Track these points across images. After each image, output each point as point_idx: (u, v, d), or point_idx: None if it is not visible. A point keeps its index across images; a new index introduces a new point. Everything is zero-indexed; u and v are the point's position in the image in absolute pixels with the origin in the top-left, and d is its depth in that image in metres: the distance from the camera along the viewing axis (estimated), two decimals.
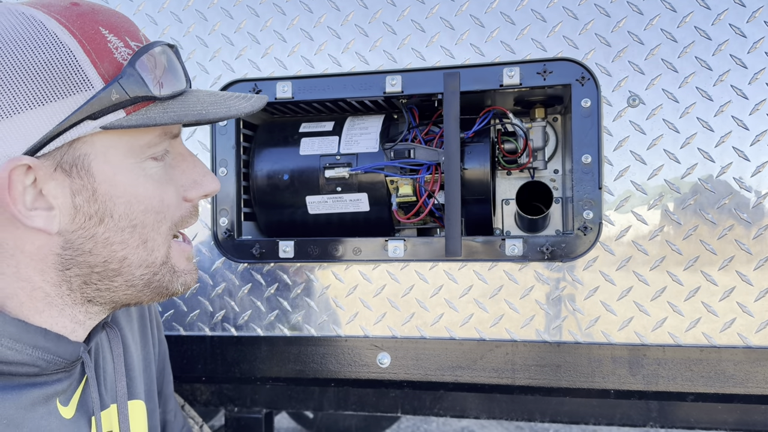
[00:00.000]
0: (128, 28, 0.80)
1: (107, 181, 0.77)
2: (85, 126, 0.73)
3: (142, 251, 0.82)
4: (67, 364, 0.83)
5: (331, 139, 1.32)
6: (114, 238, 0.79)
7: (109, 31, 0.77)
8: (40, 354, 0.79)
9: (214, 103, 0.82)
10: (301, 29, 1.30)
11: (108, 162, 0.77)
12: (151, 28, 1.35)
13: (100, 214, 0.78)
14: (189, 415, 1.68)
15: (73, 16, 0.76)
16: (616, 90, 1.17)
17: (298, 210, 1.33)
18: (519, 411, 1.77)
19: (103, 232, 0.78)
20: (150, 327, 1.11)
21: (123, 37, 0.78)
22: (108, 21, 0.78)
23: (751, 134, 1.13)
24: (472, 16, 1.22)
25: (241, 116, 0.83)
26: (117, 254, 0.80)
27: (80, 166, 0.75)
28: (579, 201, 1.19)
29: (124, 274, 0.82)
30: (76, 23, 0.75)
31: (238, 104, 0.84)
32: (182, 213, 0.86)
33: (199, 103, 0.81)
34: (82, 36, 0.74)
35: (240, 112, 0.83)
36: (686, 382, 1.18)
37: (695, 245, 1.15)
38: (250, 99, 0.86)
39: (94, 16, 0.77)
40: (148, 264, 0.83)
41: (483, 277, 1.23)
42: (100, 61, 0.74)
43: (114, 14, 0.80)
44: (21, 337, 0.77)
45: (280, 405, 1.79)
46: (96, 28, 0.76)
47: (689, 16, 1.14)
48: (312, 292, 1.31)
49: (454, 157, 1.21)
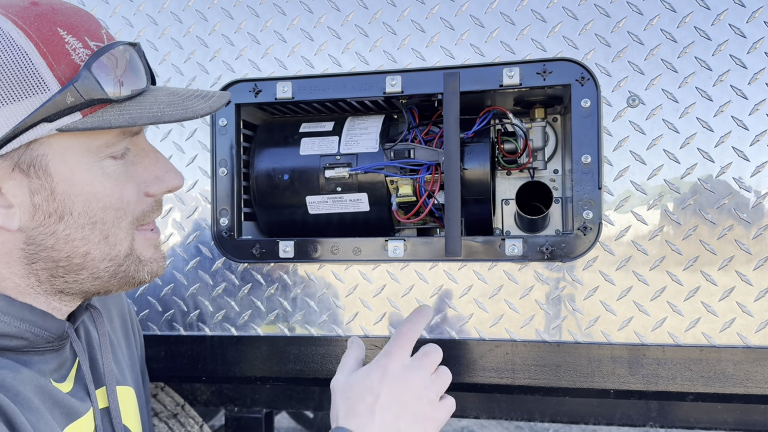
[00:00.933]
0: (89, 27, 0.80)
1: (65, 180, 0.78)
2: (41, 128, 0.74)
3: (104, 246, 0.83)
4: (53, 339, 0.85)
5: (331, 139, 1.32)
6: (75, 234, 0.81)
7: (67, 31, 0.77)
8: (27, 327, 0.82)
9: (172, 104, 0.82)
10: (301, 29, 1.30)
11: (65, 162, 0.78)
12: (151, 29, 1.35)
13: (60, 212, 0.79)
14: (189, 415, 1.68)
15: (30, 17, 0.76)
16: (616, 90, 1.17)
17: (298, 210, 1.33)
18: (519, 411, 1.78)
19: (63, 230, 0.80)
20: (132, 329, 1.14)
21: (82, 37, 0.78)
22: (67, 21, 0.78)
23: (750, 134, 1.13)
24: (472, 16, 1.23)
25: (197, 118, 0.82)
26: (79, 250, 0.82)
27: (38, 167, 0.77)
28: (579, 201, 1.19)
29: (89, 267, 0.83)
30: (33, 24, 0.75)
31: (197, 105, 0.83)
32: (144, 208, 0.87)
33: (156, 104, 0.81)
34: (38, 38, 0.74)
35: (196, 113, 0.82)
36: (686, 381, 1.18)
37: (695, 245, 1.15)
38: (210, 99, 0.85)
39: (53, 17, 0.77)
40: (111, 257, 0.84)
41: (483, 277, 1.23)
42: (57, 63, 0.75)
43: (75, 13, 0.80)
44: (8, 311, 0.80)
45: (280, 405, 1.80)
46: (54, 29, 0.76)
47: (689, 17, 1.15)
48: (312, 292, 1.31)
49: (454, 157, 1.21)
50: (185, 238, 1.35)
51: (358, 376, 0.96)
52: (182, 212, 1.36)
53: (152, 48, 1.36)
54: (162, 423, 1.62)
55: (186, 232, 1.35)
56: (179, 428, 1.64)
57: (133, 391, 1.03)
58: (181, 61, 1.34)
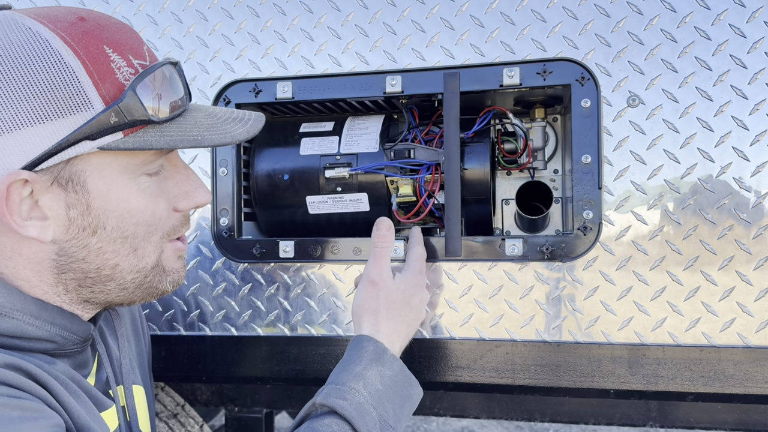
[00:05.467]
0: (132, 44, 0.81)
1: (101, 196, 0.80)
2: (84, 146, 0.76)
3: (132, 258, 0.85)
4: (79, 341, 0.87)
5: (331, 139, 1.32)
6: (106, 248, 0.82)
7: (113, 49, 0.78)
8: (58, 330, 0.83)
9: (211, 127, 0.84)
10: (302, 29, 1.30)
11: (103, 179, 0.79)
12: (151, 29, 1.35)
13: (93, 227, 0.81)
14: (189, 415, 1.68)
15: (78, 34, 0.77)
16: (616, 90, 1.17)
17: (299, 210, 1.33)
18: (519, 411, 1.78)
19: (95, 243, 0.82)
20: (141, 327, 1.15)
21: (126, 55, 0.79)
22: (112, 38, 0.79)
23: (750, 134, 1.13)
24: (472, 16, 1.23)
25: (235, 143, 0.86)
26: (109, 262, 0.83)
27: (76, 182, 0.78)
28: (579, 201, 1.19)
29: (116, 279, 0.85)
30: (81, 42, 0.76)
31: (234, 129, 0.86)
32: (173, 223, 0.89)
33: (196, 126, 0.83)
34: (85, 56, 0.75)
35: (235, 139, 0.85)
36: (686, 381, 1.18)
37: (695, 245, 1.15)
38: (247, 123, 0.88)
39: (99, 34, 0.78)
40: (138, 269, 0.86)
41: (483, 277, 1.23)
42: (102, 82, 0.76)
43: (120, 30, 0.81)
44: (40, 315, 0.82)
45: (280, 405, 1.80)
46: (100, 47, 0.77)
47: (689, 17, 1.15)
48: (312, 292, 1.31)
49: (454, 157, 1.21)
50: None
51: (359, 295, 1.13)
52: None
53: (152, 48, 1.36)
54: (162, 423, 1.62)
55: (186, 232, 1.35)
56: (179, 428, 1.64)
57: (143, 389, 1.05)
58: (181, 61, 1.34)
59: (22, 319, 0.80)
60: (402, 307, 1.12)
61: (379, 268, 1.13)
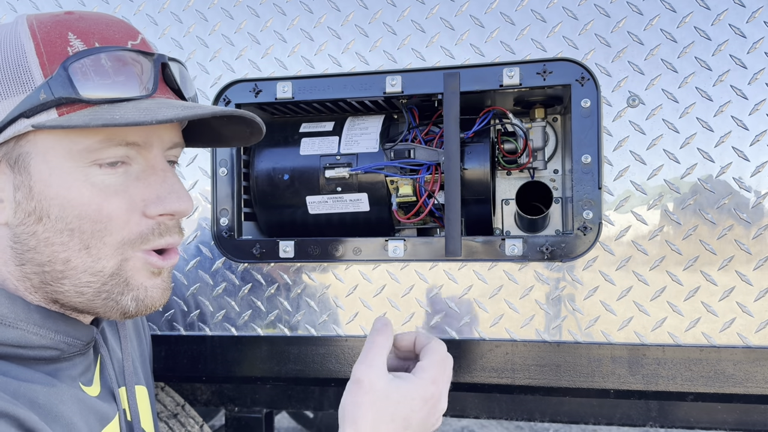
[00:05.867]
0: (110, 35, 0.79)
1: (42, 181, 0.77)
2: (20, 124, 0.75)
3: (85, 257, 0.79)
4: (83, 346, 0.86)
5: (331, 139, 1.32)
6: (54, 239, 0.78)
7: (78, 35, 0.77)
8: (62, 338, 0.82)
9: (146, 110, 0.76)
10: (301, 29, 1.30)
11: (46, 162, 0.77)
12: (151, 29, 1.35)
13: (38, 213, 0.78)
14: (189, 415, 1.68)
15: (50, 22, 0.78)
16: (616, 90, 1.17)
17: (299, 210, 1.33)
18: (519, 411, 1.78)
19: (42, 231, 0.78)
20: (142, 328, 1.15)
21: (93, 42, 0.77)
22: (86, 28, 0.78)
23: (750, 134, 1.13)
24: (472, 16, 1.23)
25: (155, 123, 0.74)
26: (59, 255, 0.79)
27: (21, 163, 0.77)
28: (579, 201, 1.19)
29: (71, 277, 0.80)
30: (45, 28, 0.77)
31: (166, 112, 0.76)
32: (141, 230, 0.80)
33: (133, 110, 0.75)
34: (42, 39, 0.76)
35: (155, 118, 0.74)
36: (686, 381, 1.18)
37: (695, 245, 1.15)
38: (189, 109, 0.78)
39: (74, 23, 0.78)
40: (93, 272, 0.80)
41: (483, 277, 1.23)
42: (50, 63, 0.75)
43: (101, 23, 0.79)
44: (44, 323, 0.81)
45: (280, 405, 1.80)
46: (64, 33, 0.77)
47: (689, 17, 1.15)
48: (312, 292, 1.31)
49: (454, 157, 1.21)
50: (185, 238, 1.35)
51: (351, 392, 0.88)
52: None
53: (152, 48, 1.36)
54: (162, 423, 1.62)
55: (186, 232, 1.35)
56: (179, 428, 1.64)
57: (146, 390, 1.05)
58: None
59: (26, 329, 0.79)
60: (394, 423, 0.86)
61: (367, 363, 0.89)
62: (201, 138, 0.95)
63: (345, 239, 1.28)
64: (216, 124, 0.91)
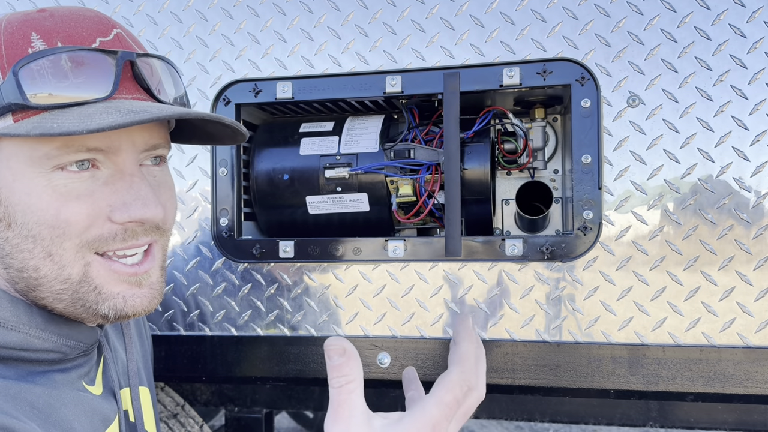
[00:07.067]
0: (76, 32, 0.76)
1: (7, 186, 0.76)
2: None
3: (51, 264, 0.77)
4: (86, 348, 0.86)
5: (331, 139, 1.32)
6: (22, 245, 0.77)
7: (40, 36, 0.75)
8: (65, 341, 0.82)
9: (89, 116, 0.72)
10: (301, 29, 1.30)
11: (10, 168, 0.76)
12: (151, 29, 1.35)
13: (7, 219, 0.77)
14: (189, 415, 1.68)
15: (18, 21, 0.76)
16: (616, 90, 1.17)
17: (298, 210, 1.33)
18: (519, 411, 1.78)
19: (12, 237, 0.77)
20: (143, 328, 1.15)
21: (55, 42, 0.75)
22: (52, 26, 0.76)
23: (750, 134, 1.13)
24: (472, 16, 1.22)
25: (92, 131, 0.70)
26: (29, 263, 0.78)
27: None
28: (579, 201, 1.19)
29: (45, 285, 0.79)
30: (11, 28, 0.75)
31: (108, 118, 0.72)
32: (101, 233, 0.78)
33: (78, 117, 0.72)
34: (6, 40, 0.74)
35: (91, 127, 0.70)
36: (686, 381, 1.18)
37: (695, 245, 1.15)
38: (137, 113, 0.73)
39: (39, 22, 0.76)
40: (62, 279, 0.78)
41: (483, 277, 1.23)
42: (9, 66, 0.73)
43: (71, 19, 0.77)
44: (47, 327, 0.80)
45: (280, 405, 1.80)
46: (28, 33, 0.75)
47: (689, 17, 1.14)
48: (312, 292, 1.31)
49: (454, 157, 1.21)
50: (185, 238, 1.35)
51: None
52: (182, 212, 1.36)
53: (152, 48, 1.36)
54: (162, 423, 1.62)
55: (186, 232, 1.35)
56: (179, 428, 1.64)
57: (148, 390, 1.05)
58: (181, 61, 1.34)
59: (28, 332, 0.79)
60: None
61: (344, 425, 0.80)
62: (193, 136, 0.94)
63: (345, 239, 1.28)
64: (200, 123, 0.88)
